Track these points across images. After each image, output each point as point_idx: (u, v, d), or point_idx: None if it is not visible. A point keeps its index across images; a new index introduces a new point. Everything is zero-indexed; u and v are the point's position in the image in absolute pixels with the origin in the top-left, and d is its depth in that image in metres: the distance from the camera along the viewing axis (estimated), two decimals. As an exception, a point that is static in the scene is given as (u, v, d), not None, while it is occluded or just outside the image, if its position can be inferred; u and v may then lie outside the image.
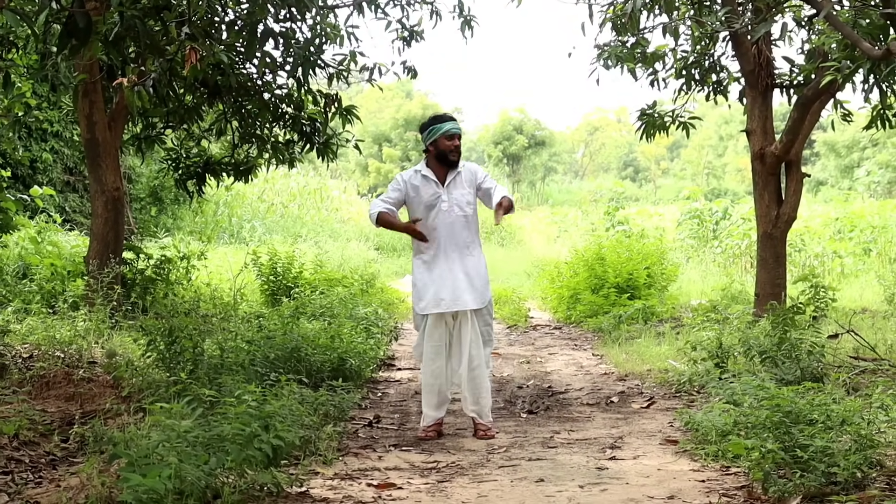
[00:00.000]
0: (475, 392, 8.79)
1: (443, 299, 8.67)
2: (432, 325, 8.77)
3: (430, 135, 8.79)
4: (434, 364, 8.77)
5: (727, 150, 78.40)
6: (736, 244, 26.68)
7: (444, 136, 8.72)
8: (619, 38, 14.26)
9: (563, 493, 6.64)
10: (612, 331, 15.49)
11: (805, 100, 13.24)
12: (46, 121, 26.10)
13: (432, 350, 8.77)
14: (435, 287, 8.70)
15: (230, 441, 6.23)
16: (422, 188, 8.80)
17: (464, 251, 8.82)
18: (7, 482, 6.47)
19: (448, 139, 8.72)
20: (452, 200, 8.79)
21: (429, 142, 8.83)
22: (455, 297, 8.67)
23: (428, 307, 8.73)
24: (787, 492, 6.16)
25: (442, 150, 8.75)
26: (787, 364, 9.78)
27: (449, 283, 8.69)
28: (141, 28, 8.16)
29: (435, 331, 8.78)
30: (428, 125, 8.87)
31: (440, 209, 8.76)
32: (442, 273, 8.72)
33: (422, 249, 8.84)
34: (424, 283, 8.79)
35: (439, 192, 8.77)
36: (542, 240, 41.24)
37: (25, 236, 17.64)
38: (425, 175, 8.83)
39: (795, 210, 13.90)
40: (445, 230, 8.77)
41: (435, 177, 8.82)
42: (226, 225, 35.00)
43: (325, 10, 12.99)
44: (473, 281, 8.77)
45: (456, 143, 8.77)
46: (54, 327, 11.02)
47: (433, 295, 8.70)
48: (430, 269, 8.77)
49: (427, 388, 8.83)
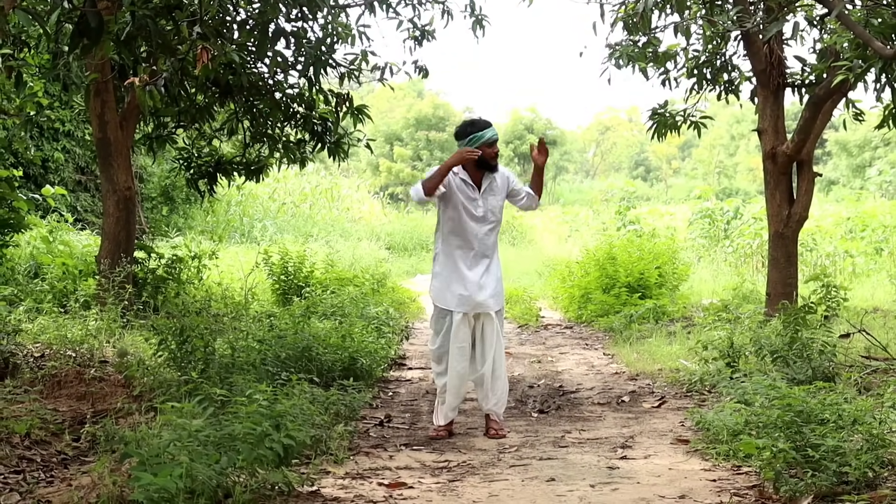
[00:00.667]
0: (498, 390, 8.86)
1: (474, 300, 8.76)
2: (458, 326, 8.78)
3: (471, 143, 8.72)
4: (460, 365, 8.79)
5: (738, 150, 78.24)
6: (747, 244, 26.63)
7: (485, 143, 8.73)
8: (630, 38, 14.24)
9: (574, 493, 6.65)
10: (623, 330, 15.47)
11: (817, 99, 13.22)
12: (58, 120, 26.12)
13: (458, 351, 8.79)
14: (465, 287, 8.77)
15: (241, 440, 6.23)
16: (459, 189, 8.81)
17: (490, 255, 8.93)
18: (19, 481, 6.48)
19: (489, 146, 8.75)
20: (487, 206, 8.87)
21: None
22: (484, 299, 8.77)
23: (459, 306, 8.77)
24: (798, 491, 6.16)
25: (485, 157, 8.74)
26: (799, 363, 9.77)
27: (477, 284, 8.76)
28: (152, 27, 8.17)
29: (461, 331, 8.79)
30: (467, 132, 8.81)
31: (475, 214, 8.83)
32: (472, 275, 8.80)
33: (452, 248, 8.91)
34: (451, 281, 8.85)
35: (476, 197, 8.83)
36: (554, 239, 41.22)
37: (37, 236, 17.67)
38: (464, 179, 8.83)
39: (807, 209, 13.88)
40: (478, 235, 8.85)
41: (472, 181, 8.85)
42: (237, 224, 35.00)
43: (337, 9, 13.00)
44: (498, 284, 8.94)
45: (496, 149, 8.85)
46: (66, 326, 11.04)
47: (463, 295, 8.77)
48: (459, 269, 8.83)
49: (452, 389, 8.83)
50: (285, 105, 14.27)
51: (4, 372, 9.31)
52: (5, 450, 6.94)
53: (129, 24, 8.35)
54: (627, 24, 13.78)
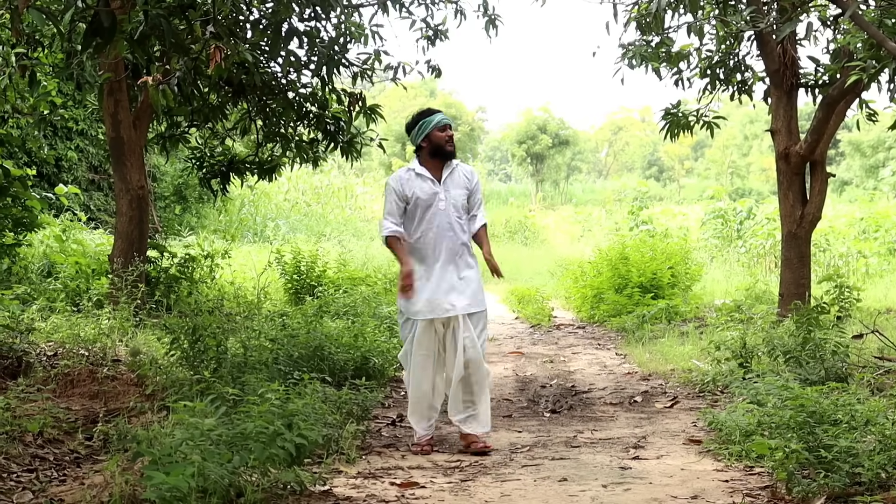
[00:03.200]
0: (471, 396, 8.24)
1: (437, 305, 8.13)
2: (422, 333, 8.19)
3: (420, 130, 8.30)
4: (423, 373, 8.22)
5: (752, 150, 78.21)
6: (760, 244, 26.64)
7: (436, 127, 8.26)
8: (643, 38, 14.24)
9: (587, 493, 6.64)
10: (636, 330, 15.46)
11: (830, 99, 13.20)
12: (72, 119, 26.21)
13: (421, 359, 8.22)
14: (429, 292, 8.15)
15: (253, 439, 6.24)
16: (418, 188, 8.25)
17: (459, 254, 8.29)
18: (31, 480, 6.49)
19: (441, 130, 8.27)
20: (449, 200, 8.29)
21: (420, 138, 8.32)
22: (450, 303, 8.13)
23: (421, 313, 8.16)
24: (811, 492, 6.14)
25: (437, 142, 8.26)
26: (812, 364, 9.75)
27: (444, 287, 8.15)
28: (166, 27, 8.18)
29: (424, 338, 8.20)
30: (416, 121, 8.38)
31: (437, 208, 8.25)
32: (437, 277, 8.18)
33: (417, 253, 8.28)
34: (416, 286, 8.20)
35: (437, 189, 8.26)
36: (566, 239, 41.26)
37: (50, 234, 17.72)
38: (420, 173, 8.31)
39: (820, 210, 13.86)
40: (442, 232, 8.26)
41: (430, 174, 8.31)
42: (250, 223, 35.08)
43: (350, 9, 13.00)
44: (470, 285, 8.25)
45: (449, 132, 8.32)
46: (79, 325, 11.05)
47: (427, 300, 8.14)
48: (424, 273, 8.21)
49: (415, 399, 8.29)
50: (298, 104, 14.28)
51: (17, 370, 9.33)
52: (18, 448, 6.95)
53: (143, 24, 8.36)
54: (640, 24, 13.78)
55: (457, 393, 8.24)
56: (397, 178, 8.40)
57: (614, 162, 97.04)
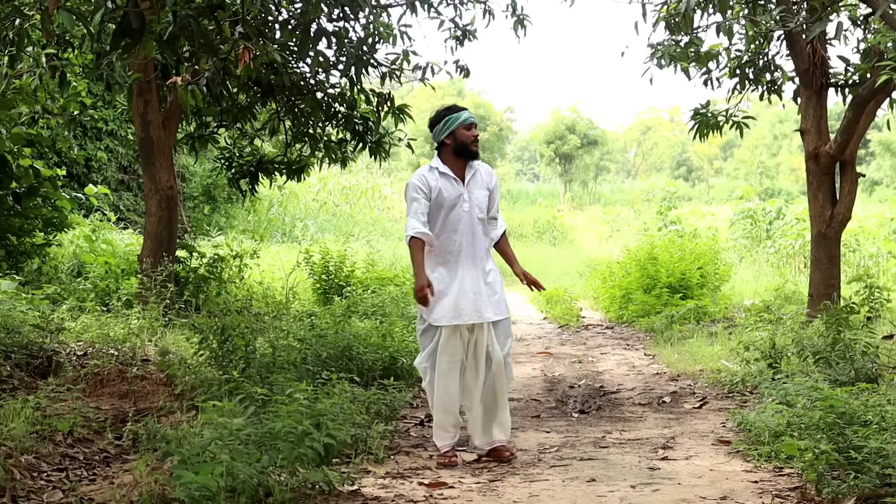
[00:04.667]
0: (494, 405, 7.97)
1: (463, 310, 7.78)
2: (447, 339, 7.82)
3: (445, 126, 7.98)
4: (450, 381, 7.86)
5: (781, 150, 77.90)
6: (789, 244, 26.54)
7: (462, 125, 7.96)
8: (672, 38, 14.22)
9: (615, 494, 6.63)
10: (665, 331, 15.42)
11: (860, 99, 13.14)
12: (101, 120, 26.31)
13: (447, 366, 7.84)
14: (453, 297, 7.80)
15: (282, 439, 6.25)
16: (443, 188, 7.91)
17: (483, 258, 7.99)
18: (61, 479, 6.52)
19: (467, 128, 7.96)
20: (473, 201, 7.98)
21: (444, 134, 7.99)
22: (476, 309, 7.81)
23: (445, 318, 7.80)
24: (840, 493, 6.12)
25: (462, 140, 7.94)
26: (841, 365, 9.72)
27: (469, 292, 7.82)
28: (195, 27, 8.21)
29: (450, 345, 7.82)
30: (442, 116, 8.05)
31: (462, 210, 7.92)
32: (461, 282, 7.84)
33: (440, 256, 7.93)
34: (439, 291, 7.85)
35: (461, 190, 7.94)
36: (594, 239, 41.21)
37: (80, 234, 17.78)
38: (444, 172, 7.97)
39: (850, 210, 13.79)
40: (467, 235, 7.94)
41: (454, 174, 7.97)
42: (278, 224, 35.14)
43: (379, 9, 13.01)
44: (496, 291, 7.96)
45: (475, 132, 8.02)
46: (108, 325, 11.09)
47: (451, 305, 7.79)
48: (447, 277, 7.87)
49: (440, 407, 7.92)
50: (327, 105, 14.30)
51: (48, 370, 9.37)
52: (48, 447, 6.98)
53: (172, 24, 8.39)
54: (669, 24, 13.75)
55: (478, 414, 7.97)
56: (421, 176, 8.01)
57: (643, 162, 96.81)
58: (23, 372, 9.18)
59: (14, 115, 14.34)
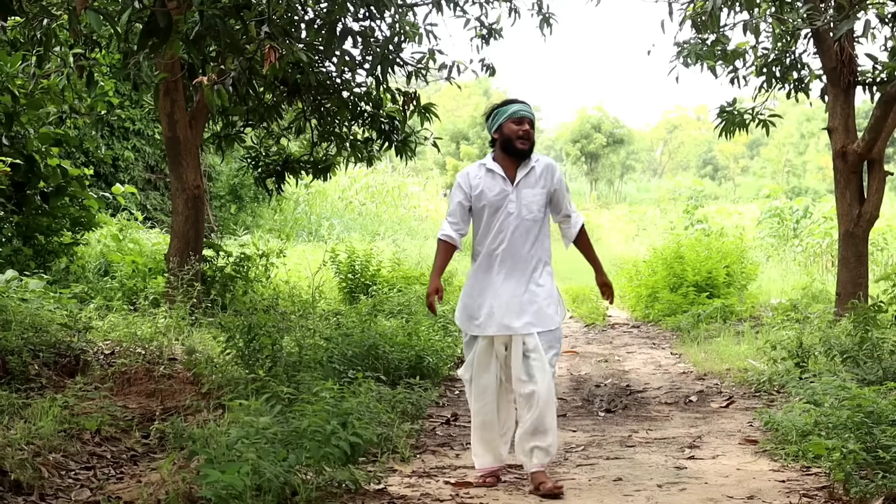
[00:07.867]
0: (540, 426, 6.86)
1: (496, 321, 6.96)
2: (482, 352, 7.07)
3: (494, 119, 7.18)
4: (484, 398, 7.13)
5: (808, 148, 77.57)
6: (817, 243, 26.45)
7: (510, 118, 7.09)
8: (698, 36, 14.19)
9: (642, 493, 6.61)
10: (691, 329, 15.40)
11: (888, 97, 13.07)
12: (128, 119, 26.39)
13: (482, 382, 7.12)
14: (487, 306, 7.01)
15: (308, 438, 6.26)
16: (487, 186, 7.11)
17: (532, 265, 7.08)
18: (89, 477, 6.54)
19: (516, 123, 7.06)
20: (521, 201, 7.06)
21: (494, 128, 7.19)
22: (503, 320, 6.95)
23: (477, 328, 7.06)
24: (868, 493, 6.08)
25: (508, 135, 7.06)
26: (869, 364, 9.67)
27: (503, 302, 6.97)
28: (221, 27, 8.23)
29: (484, 358, 7.08)
30: (492, 109, 7.29)
31: (507, 212, 7.06)
32: (496, 289, 7.02)
33: (483, 262, 7.15)
34: (473, 298, 7.13)
35: (507, 190, 7.06)
36: (621, 238, 41.15)
37: (107, 234, 17.87)
38: (491, 169, 7.15)
39: (878, 208, 13.73)
40: (510, 239, 7.05)
41: (503, 172, 7.12)
42: (305, 223, 35.17)
43: (404, 8, 13.02)
44: (536, 301, 7.01)
45: (525, 127, 7.07)
46: (135, 324, 11.11)
47: (486, 315, 7.00)
48: (483, 282, 7.10)
49: (477, 424, 7.19)
50: (353, 104, 14.33)
51: (75, 369, 9.40)
52: (76, 446, 7.01)
53: (198, 24, 8.41)
54: (696, 23, 13.72)
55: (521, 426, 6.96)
56: (465, 173, 7.28)
57: (669, 161, 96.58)
58: (51, 371, 9.22)
59: (42, 114, 14.41)
